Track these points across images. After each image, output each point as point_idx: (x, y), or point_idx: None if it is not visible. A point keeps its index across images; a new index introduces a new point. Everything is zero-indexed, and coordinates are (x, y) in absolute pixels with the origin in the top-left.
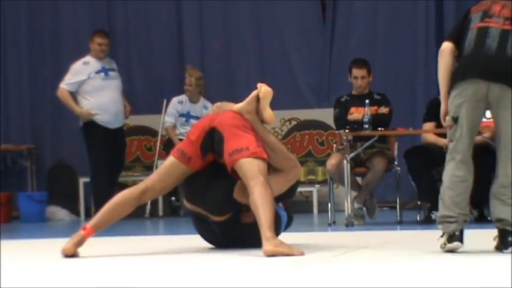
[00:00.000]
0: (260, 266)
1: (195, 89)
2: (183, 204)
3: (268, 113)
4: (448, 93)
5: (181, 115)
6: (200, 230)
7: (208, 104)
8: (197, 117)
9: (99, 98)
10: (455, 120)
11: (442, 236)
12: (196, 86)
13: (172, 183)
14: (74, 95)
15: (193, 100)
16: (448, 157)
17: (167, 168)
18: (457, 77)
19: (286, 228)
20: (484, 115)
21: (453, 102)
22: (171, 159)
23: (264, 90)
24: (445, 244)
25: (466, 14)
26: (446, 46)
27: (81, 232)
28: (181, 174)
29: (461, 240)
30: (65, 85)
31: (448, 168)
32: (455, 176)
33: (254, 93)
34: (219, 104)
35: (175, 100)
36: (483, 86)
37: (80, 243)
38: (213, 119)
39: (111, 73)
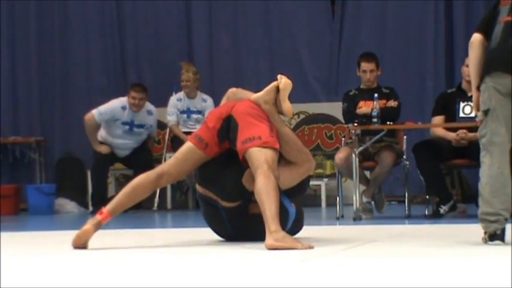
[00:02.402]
0: (268, 259)
1: (193, 84)
2: (196, 188)
3: (286, 105)
4: (479, 85)
5: (182, 112)
6: (208, 216)
7: (206, 97)
8: (198, 112)
9: (110, 139)
10: (486, 113)
11: (485, 233)
12: (194, 81)
13: (189, 169)
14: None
15: (191, 96)
16: (482, 152)
17: (184, 153)
18: (483, 70)
19: (296, 232)
20: None
21: (483, 96)
22: (188, 144)
23: (284, 81)
24: (486, 240)
25: (495, 5)
26: (476, 38)
27: (98, 217)
28: (197, 159)
29: (502, 239)
30: (97, 113)
31: (484, 163)
32: (492, 170)
33: (274, 84)
34: (234, 90)
35: (173, 98)
36: (508, 79)
37: (97, 226)
38: (230, 107)
39: (136, 129)
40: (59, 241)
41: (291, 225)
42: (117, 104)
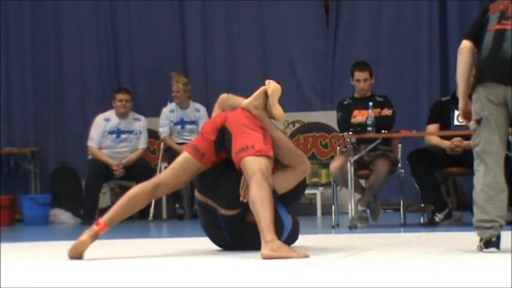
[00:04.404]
0: (263, 268)
1: (184, 94)
2: (195, 194)
3: (277, 109)
4: (467, 92)
5: (175, 124)
6: (206, 223)
7: (199, 106)
8: (192, 122)
9: (107, 152)
10: (478, 122)
11: (480, 241)
12: (184, 91)
13: (186, 179)
14: None
15: (183, 106)
16: (476, 161)
17: (181, 163)
18: (475, 80)
19: (291, 242)
20: (509, 118)
21: (475, 105)
22: (185, 154)
23: (272, 87)
24: (481, 248)
25: (485, 11)
26: (465, 45)
27: (95, 227)
28: (194, 170)
29: (498, 247)
30: (91, 142)
31: (479, 171)
32: (487, 178)
33: (262, 88)
34: (225, 96)
35: (166, 110)
36: (500, 90)
37: (94, 237)
38: (224, 118)
39: (123, 136)
40: (54, 251)
41: (286, 236)
42: (100, 119)
